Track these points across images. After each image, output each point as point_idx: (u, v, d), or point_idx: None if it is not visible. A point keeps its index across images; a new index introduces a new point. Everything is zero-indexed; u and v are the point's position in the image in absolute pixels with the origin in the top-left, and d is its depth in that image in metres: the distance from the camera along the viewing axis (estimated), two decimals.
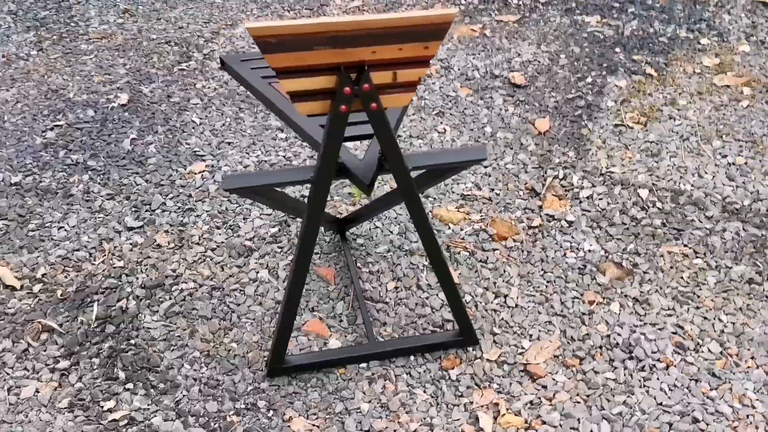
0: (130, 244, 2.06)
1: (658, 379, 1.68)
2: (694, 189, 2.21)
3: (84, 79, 2.76)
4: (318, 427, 1.61)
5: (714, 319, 1.82)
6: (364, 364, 1.73)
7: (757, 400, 1.63)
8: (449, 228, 2.09)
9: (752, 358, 1.72)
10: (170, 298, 1.90)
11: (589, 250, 2.01)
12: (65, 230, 2.10)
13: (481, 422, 1.60)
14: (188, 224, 2.12)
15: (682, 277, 1.93)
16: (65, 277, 1.96)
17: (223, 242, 2.06)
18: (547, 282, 1.93)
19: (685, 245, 2.02)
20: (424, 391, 1.68)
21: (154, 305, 1.88)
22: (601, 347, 1.76)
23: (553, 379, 1.69)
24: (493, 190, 2.22)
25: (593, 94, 2.65)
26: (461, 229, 2.08)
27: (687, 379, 1.68)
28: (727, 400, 1.63)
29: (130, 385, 1.69)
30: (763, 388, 1.65)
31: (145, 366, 1.74)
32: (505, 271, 1.96)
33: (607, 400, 1.64)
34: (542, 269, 1.96)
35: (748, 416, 1.60)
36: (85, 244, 2.06)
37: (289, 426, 1.61)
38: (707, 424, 1.58)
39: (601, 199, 2.18)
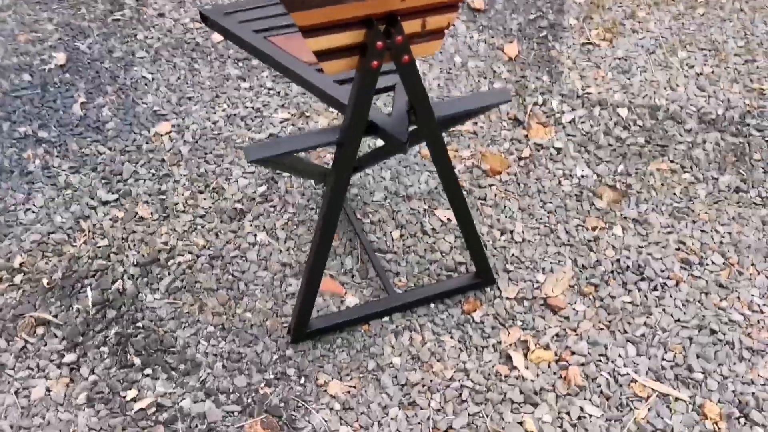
0: (110, 219, 1.92)
1: (671, 296, 1.74)
2: (669, 103, 2.24)
3: (8, 40, 2.50)
4: (355, 387, 1.58)
5: (711, 231, 1.88)
6: (386, 318, 1.70)
7: (764, 305, 1.72)
8: None
9: (752, 264, 1.80)
10: (169, 274, 1.79)
11: (582, 176, 2.02)
12: (33, 212, 1.94)
13: (514, 361, 1.62)
14: (168, 191, 2.00)
15: (674, 193, 1.98)
16: (46, 263, 1.82)
17: (210, 207, 1.95)
18: (549, 212, 1.93)
19: (671, 161, 2.07)
20: (451, 337, 1.67)
21: (153, 283, 1.78)
22: (612, 272, 1.79)
23: (574, 309, 1.72)
24: (476, 123, 2.18)
25: (554, 13, 2.61)
26: (454, 167, 2.04)
27: (697, 292, 1.74)
28: (737, 308, 1.71)
29: (148, 371, 1.61)
30: (767, 293, 1.74)
31: (160, 348, 1.65)
32: (505, 207, 1.95)
33: (628, 323, 1.69)
34: (541, 200, 1.96)
35: (758, 321, 1.68)
36: (60, 225, 1.90)
37: (325, 391, 1.58)
38: (724, 334, 1.66)
39: (583, 122, 2.18)
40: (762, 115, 2.18)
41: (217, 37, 2.52)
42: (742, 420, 1.51)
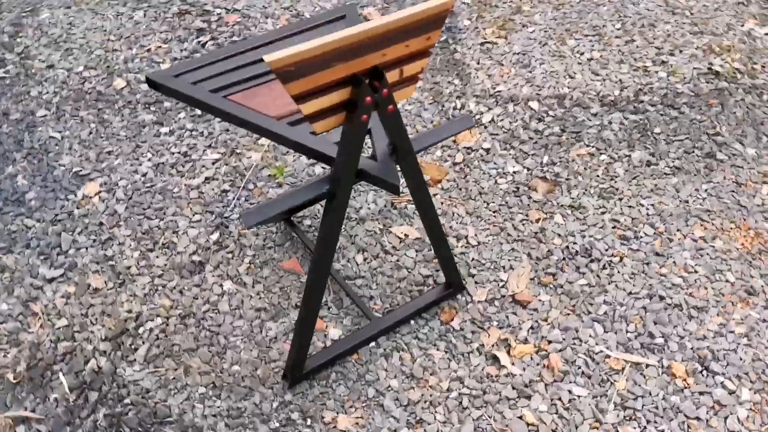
0: (62, 297, 1.83)
1: (619, 272, 1.91)
2: (572, 90, 2.42)
3: None
4: (362, 417, 1.63)
5: (637, 205, 2.07)
6: (373, 344, 1.75)
7: (696, 265, 1.93)
8: None
9: (678, 230, 2.01)
10: (143, 342, 1.75)
11: (514, 172, 2.16)
12: None
13: (501, 360, 1.73)
14: (115, 256, 1.93)
15: (597, 175, 2.16)
16: (5, 356, 1.72)
17: (166, 264, 1.91)
18: (494, 212, 2.05)
19: (588, 145, 2.25)
20: (438, 350, 1.76)
21: (128, 355, 1.73)
22: (564, 259, 1.94)
23: (540, 301, 1.85)
24: None
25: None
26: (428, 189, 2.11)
27: (640, 264, 1.93)
28: (675, 273, 1.91)
29: None
30: (696, 253, 1.95)
31: (156, 421, 1.62)
32: (454, 213, 2.04)
33: (590, 304, 1.84)
34: (484, 201, 2.08)
35: (695, 281, 1.89)
36: (9, 313, 1.80)
37: (334, 427, 1.61)
38: (671, 298, 1.85)
39: (502, 120, 2.32)
40: (652, 91, 2.41)
41: (119, 83, 2.43)
42: (705, 373, 1.71)
